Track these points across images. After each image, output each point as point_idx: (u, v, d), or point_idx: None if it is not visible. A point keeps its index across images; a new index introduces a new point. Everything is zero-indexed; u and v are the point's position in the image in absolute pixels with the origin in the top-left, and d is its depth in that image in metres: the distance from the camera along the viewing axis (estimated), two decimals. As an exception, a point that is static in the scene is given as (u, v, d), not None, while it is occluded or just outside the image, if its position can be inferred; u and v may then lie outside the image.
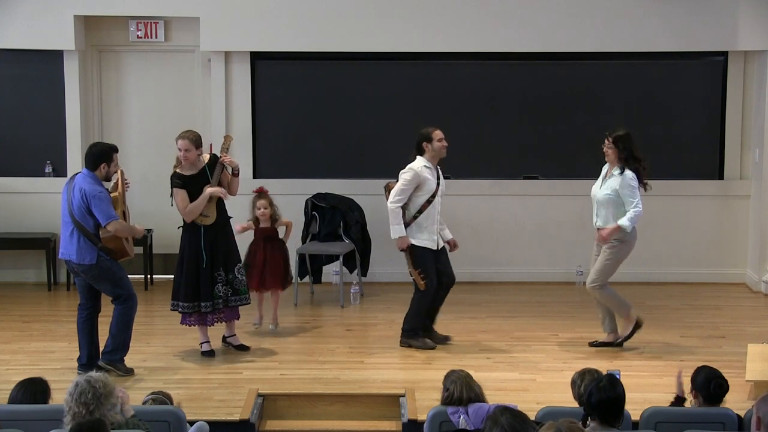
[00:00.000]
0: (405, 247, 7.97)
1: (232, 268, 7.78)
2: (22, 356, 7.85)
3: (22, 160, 10.27)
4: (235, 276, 7.79)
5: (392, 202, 7.95)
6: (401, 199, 7.94)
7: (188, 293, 7.70)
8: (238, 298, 7.83)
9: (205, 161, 7.72)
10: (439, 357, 7.86)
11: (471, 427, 5.19)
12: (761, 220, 10.03)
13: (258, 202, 8.49)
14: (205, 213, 7.66)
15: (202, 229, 7.68)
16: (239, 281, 7.82)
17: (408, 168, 7.97)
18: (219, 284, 7.72)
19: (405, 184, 7.93)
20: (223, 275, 7.73)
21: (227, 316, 7.88)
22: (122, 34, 10.30)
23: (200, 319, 7.79)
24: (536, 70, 10.34)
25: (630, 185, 7.74)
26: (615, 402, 4.74)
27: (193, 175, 7.67)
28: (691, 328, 8.73)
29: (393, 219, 7.95)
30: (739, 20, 9.94)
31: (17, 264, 10.28)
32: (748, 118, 10.29)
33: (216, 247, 7.71)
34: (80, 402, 4.67)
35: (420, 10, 10.00)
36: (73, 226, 7.17)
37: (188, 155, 7.59)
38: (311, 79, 10.37)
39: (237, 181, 7.87)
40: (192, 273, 7.69)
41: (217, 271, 7.71)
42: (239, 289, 7.82)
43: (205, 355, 7.85)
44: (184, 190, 7.62)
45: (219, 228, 7.74)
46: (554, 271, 10.29)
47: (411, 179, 7.92)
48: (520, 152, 10.39)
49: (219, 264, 7.72)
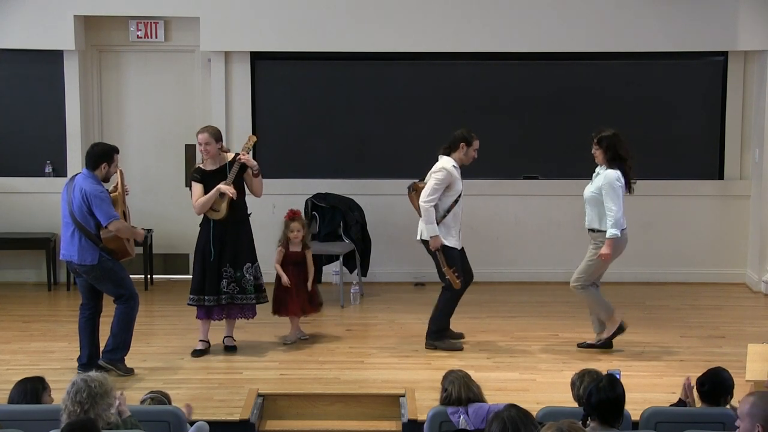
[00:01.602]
0: (438, 246, 7.91)
1: (242, 266, 7.78)
2: (22, 356, 7.86)
3: (22, 160, 10.27)
4: (243, 275, 7.79)
5: (426, 201, 7.86)
6: (435, 198, 7.87)
7: (194, 286, 7.80)
8: (244, 297, 7.82)
9: (228, 158, 7.80)
10: (439, 357, 7.86)
11: (471, 427, 5.20)
12: (761, 220, 10.03)
13: (292, 224, 8.29)
14: (215, 208, 7.72)
15: (212, 223, 7.75)
16: (247, 280, 7.81)
17: (440, 167, 7.92)
18: (224, 280, 7.76)
19: (438, 184, 7.88)
20: (230, 272, 7.76)
21: (229, 313, 7.90)
22: (122, 34, 10.29)
23: (206, 313, 7.82)
24: (536, 70, 10.34)
25: (612, 186, 7.69)
26: (615, 402, 4.74)
27: (213, 170, 7.76)
28: (691, 328, 8.73)
29: (427, 218, 7.86)
30: (739, 20, 9.94)
31: (17, 264, 10.27)
32: (748, 118, 10.29)
33: (224, 243, 7.76)
34: (75, 401, 4.68)
35: (420, 10, 10.00)
36: (74, 226, 7.17)
37: (209, 148, 7.69)
38: (311, 79, 10.38)
39: (259, 181, 7.90)
40: (199, 266, 7.80)
41: (224, 267, 7.75)
42: (246, 287, 7.81)
43: (194, 354, 7.86)
44: (200, 185, 7.73)
45: (230, 224, 7.77)
46: (554, 271, 10.28)
47: (444, 179, 7.88)
48: (520, 152, 10.39)
49: (226, 260, 7.76)
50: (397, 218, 10.14)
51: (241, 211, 7.86)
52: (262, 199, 10.12)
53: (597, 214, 7.83)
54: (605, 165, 7.82)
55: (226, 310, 7.88)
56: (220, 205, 7.72)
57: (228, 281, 7.77)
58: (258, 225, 10.05)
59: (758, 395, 4.36)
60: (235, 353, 7.94)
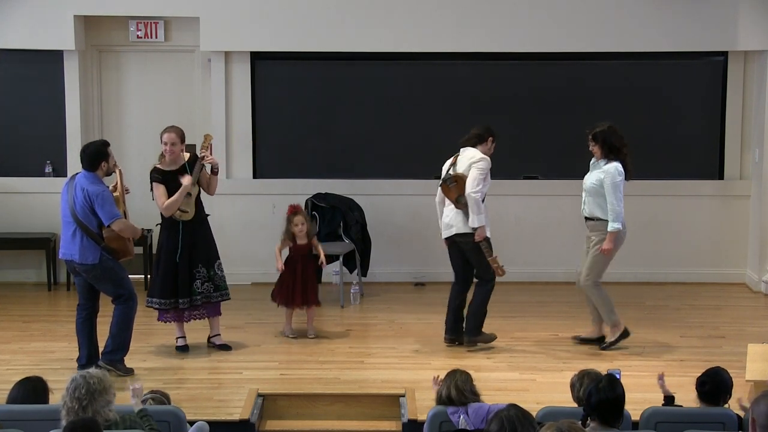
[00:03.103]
0: (483, 237, 7.89)
1: (213, 265, 7.81)
2: (22, 356, 7.86)
3: (22, 160, 10.27)
4: (215, 272, 7.83)
5: (475, 192, 7.81)
6: (482, 188, 7.87)
7: (165, 290, 7.74)
8: (219, 294, 7.86)
9: (185, 159, 7.76)
10: (439, 357, 7.86)
11: (471, 427, 5.20)
12: (761, 220, 10.03)
13: (295, 218, 8.35)
14: (184, 208, 7.70)
15: (180, 225, 7.72)
16: (219, 277, 7.85)
17: (480, 157, 7.91)
18: (198, 281, 7.75)
19: (482, 173, 7.87)
20: (203, 272, 7.76)
21: (209, 312, 7.92)
22: (122, 34, 10.29)
23: (177, 315, 7.85)
24: (536, 70, 10.34)
25: (613, 180, 7.74)
26: (615, 402, 4.74)
27: (173, 171, 7.70)
28: (691, 328, 8.73)
29: (477, 208, 7.80)
30: (739, 20, 9.94)
31: (17, 264, 10.27)
32: (748, 118, 10.29)
33: (195, 244, 7.74)
34: (74, 397, 4.70)
35: (420, 10, 10.00)
36: (75, 226, 7.17)
37: (174, 149, 7.65)
38: (311, 79, 10.37)
39: (216, 179, 7.90)
40: (170, 269, 7.73)
41: (196, 268, 7.74)
42: (220, 285, 7.85)
43: (180, 350, 7.91)
44: (163, 186, 7.68)
45: (197, 224, 7.76)
46: (554, 271, 10.29)
47: (486, 167, 7.90)
48: (520, 152, 10.38)
49: (198, 260, 7.74)
50: (397, 218, 10.15)
51: (203, 210, 7.85)
52: (263, 199, 10.20)
53: (597, 204, 7.85)
54: (603, 159, 7.85)
55: (196, 311, 7.86)
56: (189, 205, 7.69)
57: (202, 281, 7.76)
58: (258, 225, 10.14)
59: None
60: (231, 352, 7.95)
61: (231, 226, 9.95)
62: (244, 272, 10.09)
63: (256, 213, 10.21)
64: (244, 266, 10.08)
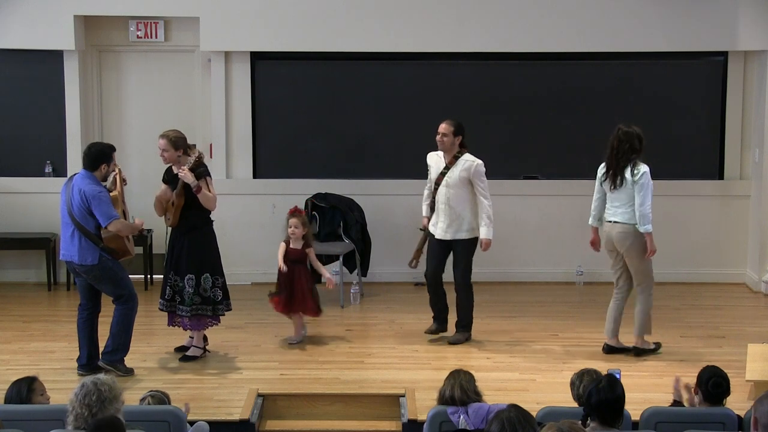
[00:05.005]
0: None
1: (184, 276, 7.58)
2: (22, 356, 7.86)
3: (22, 160, 10.27)
4: (202, 285, 7.60)
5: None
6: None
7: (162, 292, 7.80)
8: (183, 309, 7.59)
9: (191, 162, 7.51)
10: (439, 357, 7.87)
11: (471, 427, 5.19)
12: (761, 220, 10.03)
13: (291, 220, 8.15)
14: (168, 215, 7.69)
15: (169, 230, 7.78)
16: (205, 290, 7.62)
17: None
18: (168, 287, 7.68)
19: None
20: (172, 279, 7.65)
21: (192, 325, 7.72)
22: (122, 34, 10.29)
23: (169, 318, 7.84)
24: (536, 70, 10.34)
25: (643, 183, 7.62)
26: (615, 402, 4.74)
27: (176, 175, 7.58)
28: (691, 328, 8.73)
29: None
30: (739, 20, 9.94)
31: (17, 264, 10.28)
32: (748, 118, 10.29)
33: (172, 250, 7.70)
34: (84, 403, 4.66)
35: (420, 10, 10.00)
36: (73, 227, 7.17)
37: (165, 155, 7.56)
38: (311, 79, 10.37)
39: (204, 196, 7.47)
40: None
41: (169, 274, 7.70)
42: (207, 298, 7.62)
43: (179, 351, 7.91)
44: (165, 185, 7.71)
45: (180, 233, 7.65)
46: (554, 271, 10.29)
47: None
48: (520, 152, 10.39)
49: (171, 267, 7.68)
50: (397, 218, 10.15)
51: (193, 220, 7.59)
52: (263, 199, 10.20)
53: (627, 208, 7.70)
54: None
55: (177, 318, 7.74)
56: (171, 213, 7.63)
57: (170, 287, 7.66)
58: (258, 225, 10.15)
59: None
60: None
61: (231, 226, 9.94)
62: (244, 272, 10.10)
63: (256, 213, 10.21)
64: (244, 266, 10.09)
